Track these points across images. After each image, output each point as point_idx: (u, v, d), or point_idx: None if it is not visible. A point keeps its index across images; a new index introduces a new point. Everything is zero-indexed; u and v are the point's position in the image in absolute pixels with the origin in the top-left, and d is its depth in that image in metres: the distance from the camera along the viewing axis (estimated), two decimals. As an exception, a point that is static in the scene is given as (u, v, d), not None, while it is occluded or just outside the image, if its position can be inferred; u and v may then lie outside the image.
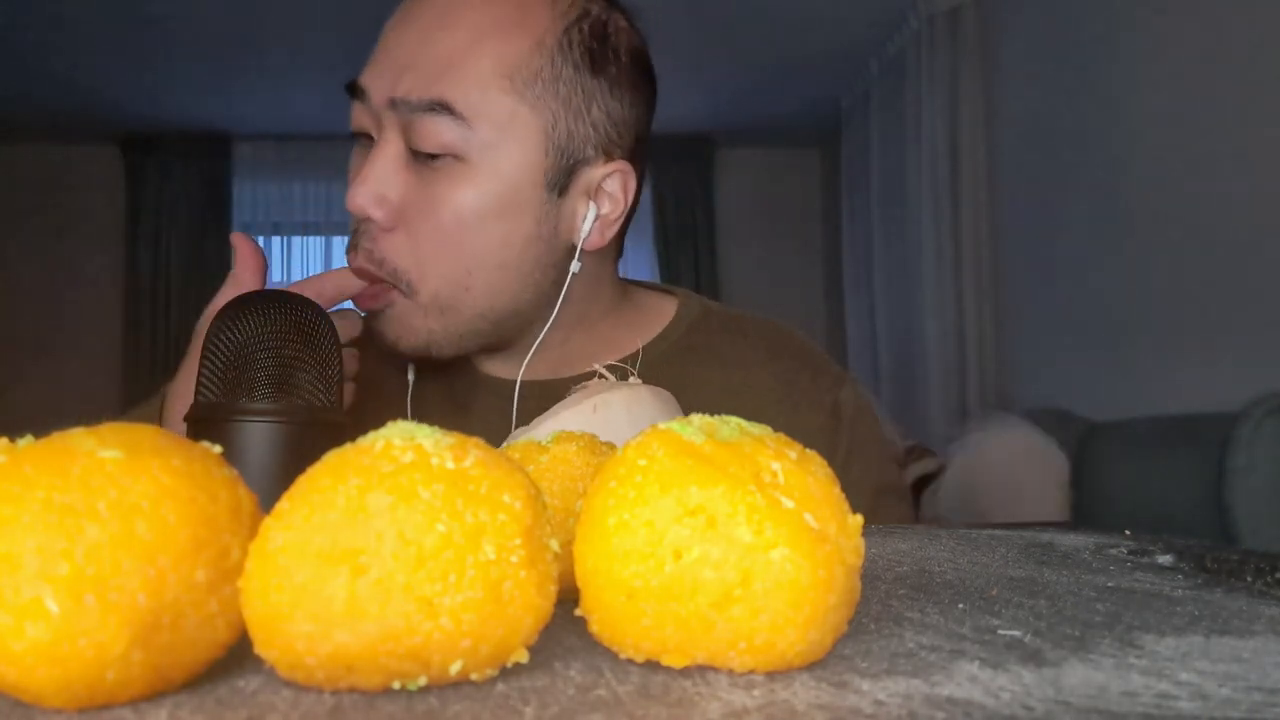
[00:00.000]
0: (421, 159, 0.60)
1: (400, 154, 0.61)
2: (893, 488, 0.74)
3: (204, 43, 3.11)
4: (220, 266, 4.01)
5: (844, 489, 0.73)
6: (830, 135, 3.94)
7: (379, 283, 0.62)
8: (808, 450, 0.25)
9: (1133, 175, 2.06)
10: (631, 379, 0.55)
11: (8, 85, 3.35)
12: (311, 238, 4.18)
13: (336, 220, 4.16)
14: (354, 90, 0.62)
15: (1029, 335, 2.53)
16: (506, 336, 0.67)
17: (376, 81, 0.60)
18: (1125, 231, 2.08)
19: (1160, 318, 1.97)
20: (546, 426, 0.51)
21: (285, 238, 4.16)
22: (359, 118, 0.63)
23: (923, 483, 2.30)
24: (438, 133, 0.59)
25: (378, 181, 0.60)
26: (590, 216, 0.65)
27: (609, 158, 0.65)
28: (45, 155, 3.91)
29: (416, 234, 0.60)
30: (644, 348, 0.72)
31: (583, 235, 0.65)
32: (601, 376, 0.55)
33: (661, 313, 0.75)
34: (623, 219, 0.67)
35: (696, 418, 0.25)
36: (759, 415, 0.64)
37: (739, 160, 4.25)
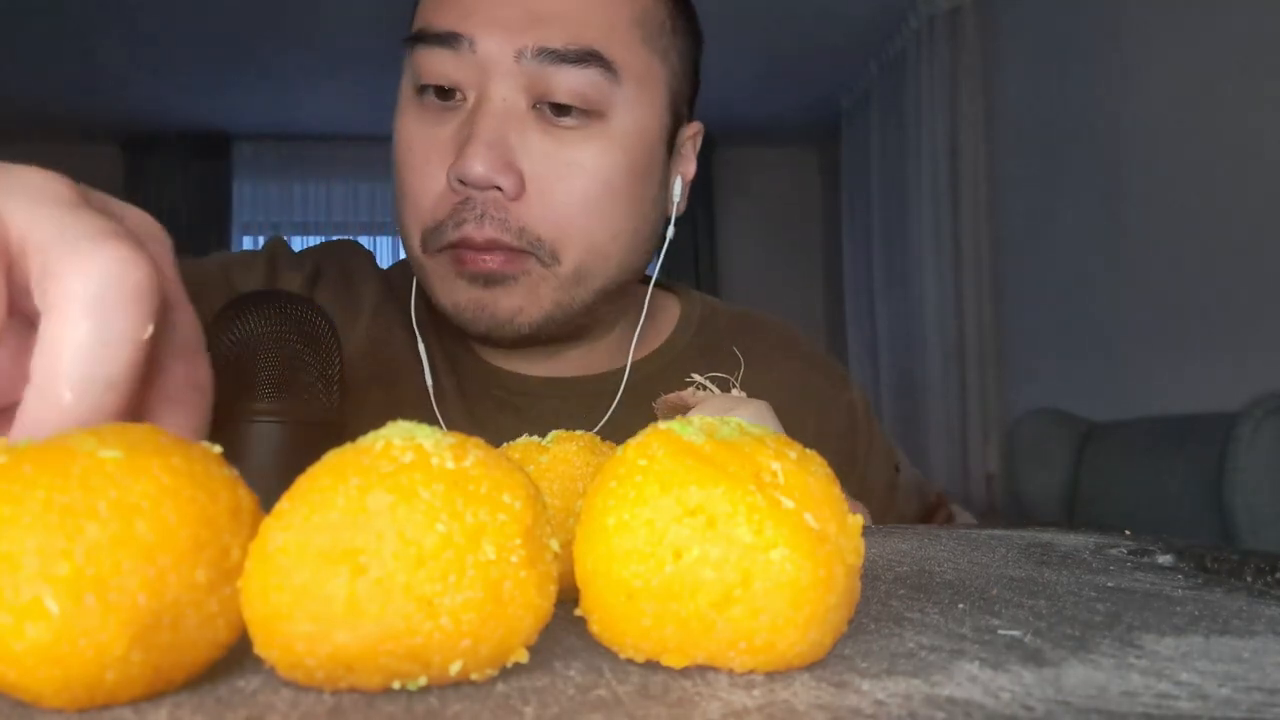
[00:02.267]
0: (548, 117, 0.54)
1: (523, 112, 0.54)
2: (897, 484, 0.74)
3: (204, 43, 3.11)
4: (220, 266, 4.01)
5: (862, 490, 0.71)
6: (830, 135, 3.94)
7: (514, 252, 0.55)
8: (808, 450, 0.25)
9: (1132, 175, 2.06)
10: (735, 391, 0.52)
11: (8, 85, 3.35)
12: (311, 238, 4.18)
13: (336, 220, 4.16)
14: (448, 39, 0.54)
15: (1029, 335, 2.53)
16: (599, 315, 0.62)
17: (495, 30, 0.52)
18: (1125, 231, 2.08)
19: (1160, 318, 1.97)
20: None
21: (285, 238, 4.16)
22: (444, 69, 0.54)
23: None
24: (584, 87, 0.53)
25: (503, 146, 0.53)
26: (678, 181, 0.61)
27: (691, 117, 0.62)
28: (45, 155, 3.89)
29: (552, 200, 0.54)
30: (658, 350, 0.69)
31: (674, 200, 0.61)
32: (701, 387, 0.52)
33: (667, 311, 0.72)
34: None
35: (697, 418, 0.25)
36: (783, 416, 0.60)
37: (739, 160, 4.25)
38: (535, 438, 0.32)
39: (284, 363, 0.42)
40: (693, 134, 0.63)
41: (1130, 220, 2.06)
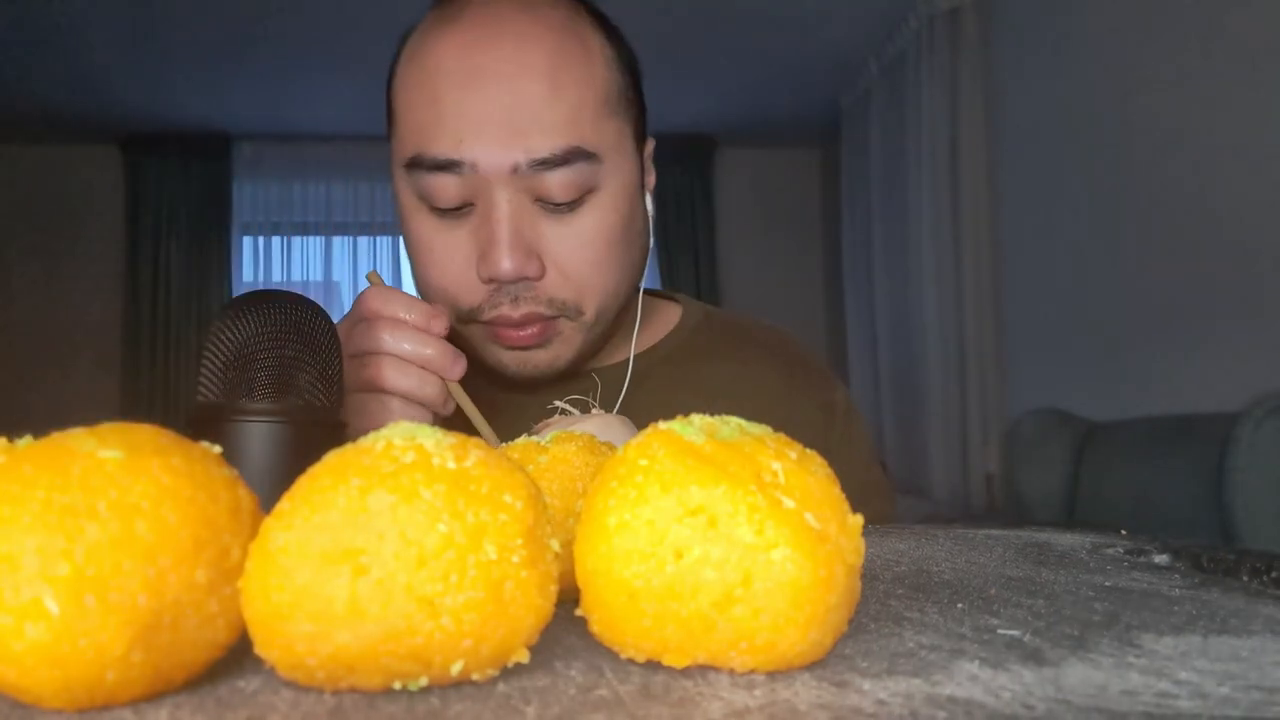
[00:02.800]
0: (549, 207, 0.59)
1: (529, 208, 0.59)
2: (876, 486, 0.76)
3: (204, 43, 3.11)
4: (220, 266, 4.01)
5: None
6: (830, 135, 3.94)
7: (547, 320, 0.61)
8: (808, 450, 0.25)
9: (1133, 175, 2.06)
10: (594, 410, 0.56)
11: (8, 85, 3.35)
12: (311, 238, 4.18)
13: (336, 220, 4.16)
14: (448, 166, 0.58)
15: (1029, 335, 2.53)
16: (610, 332, 0.69)
17: (490, 149, 0.57)
18: (1125, 231, 2.08)
19: (1160, 318, 1.97)
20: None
21: (285, 238, 4.16)
22: (449, 193, 0.59)
23: None
24: (574, 178, 0.58)
25: (521, 241, 0.59)
26: (648, 196, 0.68)
27: (645, 136, 0.68)
28: (45, 155, 3.91)
29: (570, 272, 0.61)
30: (653, 347, 0.74)
31: (650, 214, 0.68)
32: (564, 411, 0.55)
33: (667, 318, 0.78)
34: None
35: (697, 418, 0.25)
36: (759, 409, 0.64)
37: (739, 160, 4.25)
38: (535, 438, 0.32)
39: (283, 363, 0.42)
40: (650, 150, 0.69)
41: (1130, 220, 2.06)
